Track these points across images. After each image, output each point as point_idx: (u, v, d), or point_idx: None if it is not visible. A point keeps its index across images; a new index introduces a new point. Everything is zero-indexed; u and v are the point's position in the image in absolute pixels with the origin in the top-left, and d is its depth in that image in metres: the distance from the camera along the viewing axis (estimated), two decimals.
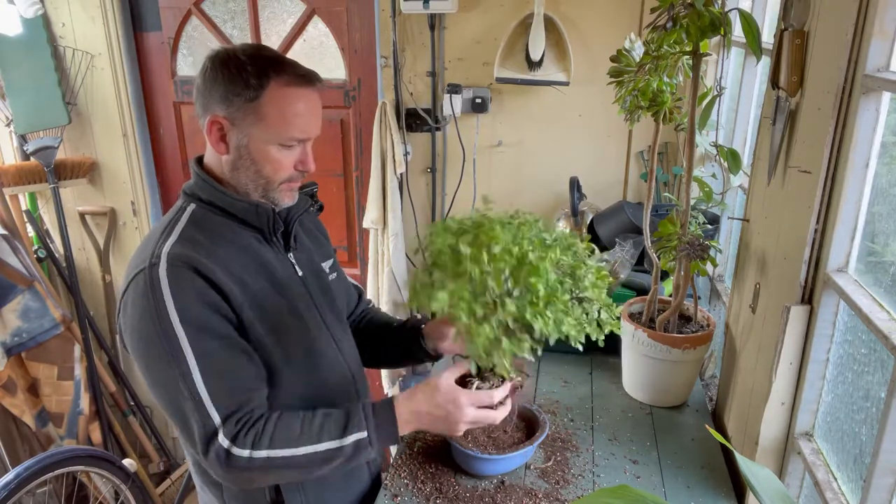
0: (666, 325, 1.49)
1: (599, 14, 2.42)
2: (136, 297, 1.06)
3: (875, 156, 1.03)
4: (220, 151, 1.13)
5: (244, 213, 1.15)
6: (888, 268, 1.02)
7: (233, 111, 1.09)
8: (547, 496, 1.28)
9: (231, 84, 1.08)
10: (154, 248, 1.08)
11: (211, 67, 1.10)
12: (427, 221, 2.82)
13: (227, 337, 1.07)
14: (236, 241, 1.14)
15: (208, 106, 1.11)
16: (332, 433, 1.08)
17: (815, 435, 1.22)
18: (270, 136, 1.10)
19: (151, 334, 1.03)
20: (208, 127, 1.11)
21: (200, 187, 1.16)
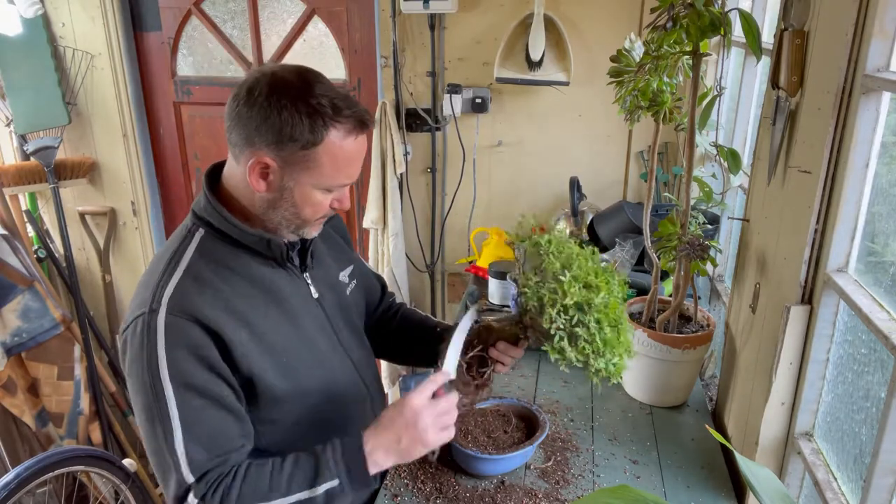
0: (666, 325, 1.49)
1: (599, 14, 2.42)
2: (132, 342, 1.04)
3: (875, 156, 1.03)
4: (259, 189, 1.06)
5: (255, 245, 1.11)
6: (888, 268, 1.02)
7: (284, 155, 1.02)
8: (547, 496, 1.28)
9: (287, 127, 1.00)
10: (157, 287, 1.05)
11: (265, 101, 1.00)
12: (427, 221, 2.82)
13: (215, 396, 1.04)
14: (245, 273, 1.11)
15: (253, 141, 1.02)
16: (302, 483, 1.05)
17: (815, 435, 1.22)
18: (319, 183, 1.06)
19: (141, 384, 1.03)
20: (251, 165, 1.04)
21: (211, 214, 1.10)
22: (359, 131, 1.06)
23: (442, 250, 2.87)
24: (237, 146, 1.06)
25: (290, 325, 1.14)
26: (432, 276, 2.91)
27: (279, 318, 1.13)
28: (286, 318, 1.14)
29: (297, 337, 1.15)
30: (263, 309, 1.11)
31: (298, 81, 1.02)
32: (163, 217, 3.16)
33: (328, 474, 1.05)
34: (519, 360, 1.79)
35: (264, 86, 1.01)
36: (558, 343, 1.12)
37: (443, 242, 2.85)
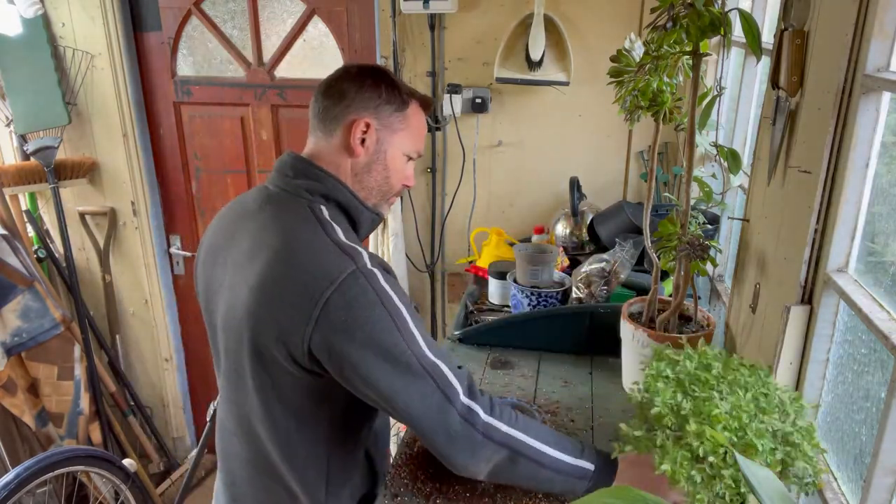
0: (666, 325, 1.49)
1: (599, 14, 2.42)
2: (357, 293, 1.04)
3: (875, 156, 1.03)
4: (358, 153, 1.20)
5: (365, 221, 1.23)
6: (888, 268, 1.02)
7: (382, 118, 1.20)
8: (547, 496, 1.28)
9: (386, 94, 1.20)
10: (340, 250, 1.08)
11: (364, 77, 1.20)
12: (427, 221, 2.82)
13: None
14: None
15: (355, 109, 1.19)
16: (570, 450, 1.13)
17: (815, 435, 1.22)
18: (407, 145, 1.24)
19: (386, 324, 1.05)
20: (353, 127, 1.18)
21: (335, 189, 1.19)
22: (427, 107, 1.28)
23: (442, 250, 2.87)
24: (335, 119, 1.20)
25: None
26: (432, 276, 2.91)
27: None
28: None
29: None
30: None
31: (381, 68, 1.26)
32: (163, 217, 3.16)
33: (588, 457, 1.14)
34: (519, 360, 1.80)
35: (356, 68, 1.23)
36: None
37: (443, 242, 2.85)
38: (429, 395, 1.06)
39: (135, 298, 3.23)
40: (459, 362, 1.16)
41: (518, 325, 1.84)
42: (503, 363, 1.79)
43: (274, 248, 1.10)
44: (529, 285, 1.91)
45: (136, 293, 3.22)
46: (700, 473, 1.04)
